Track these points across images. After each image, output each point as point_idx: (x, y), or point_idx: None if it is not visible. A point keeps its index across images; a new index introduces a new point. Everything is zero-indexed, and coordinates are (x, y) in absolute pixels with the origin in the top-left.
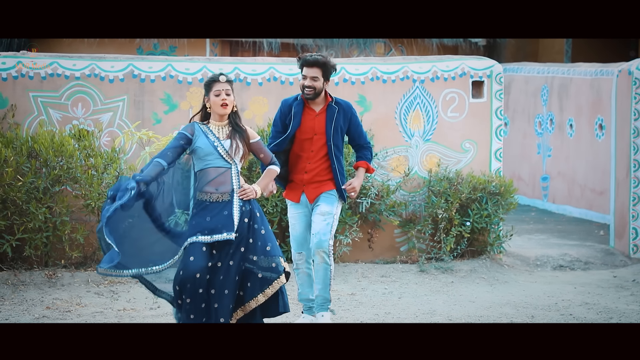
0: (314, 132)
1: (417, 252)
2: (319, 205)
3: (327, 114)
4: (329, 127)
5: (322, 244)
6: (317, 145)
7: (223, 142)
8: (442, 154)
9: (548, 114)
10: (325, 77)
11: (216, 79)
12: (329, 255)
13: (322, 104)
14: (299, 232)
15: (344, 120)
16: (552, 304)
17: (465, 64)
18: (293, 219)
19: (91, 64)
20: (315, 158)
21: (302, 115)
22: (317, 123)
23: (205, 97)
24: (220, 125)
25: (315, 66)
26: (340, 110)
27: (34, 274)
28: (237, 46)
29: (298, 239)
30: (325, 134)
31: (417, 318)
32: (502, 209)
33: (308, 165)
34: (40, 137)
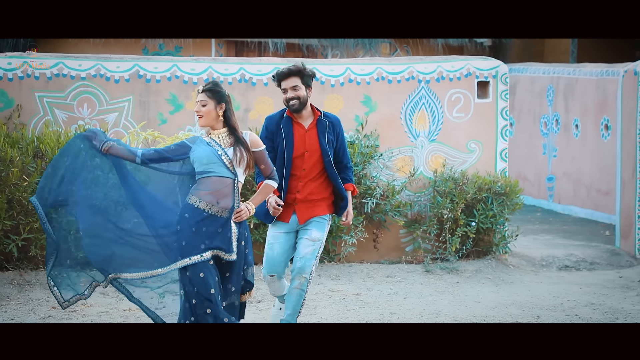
0: (304, 149)
1: (423, 252)
2: (310, 230)
3: (318, 129)
4: (322, 141)
5: (304, 269)
6: (309, 163)
7: (227, 150)
8: (447, 154)
9: (554, 115)
10: (305, 84)
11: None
12: (307, 283)
13: (310, 118)
14: (276, 253)
15: (333, 136)
16: (557, 304)
17: (471, 64)
18: (273, 239)
19: (97, 65)
20: (308, 177)
21: (293, 133)
22: (307, 139)
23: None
24: (219, 133)
25: (290, 76)
26: (330, 125)
27: (39, 274)
28: (243, 46)
29: (274, 260)
30: (321, 149)
31: (423, 318)
32: (507, 210)
33: (300, 184)
34: (46, 137)
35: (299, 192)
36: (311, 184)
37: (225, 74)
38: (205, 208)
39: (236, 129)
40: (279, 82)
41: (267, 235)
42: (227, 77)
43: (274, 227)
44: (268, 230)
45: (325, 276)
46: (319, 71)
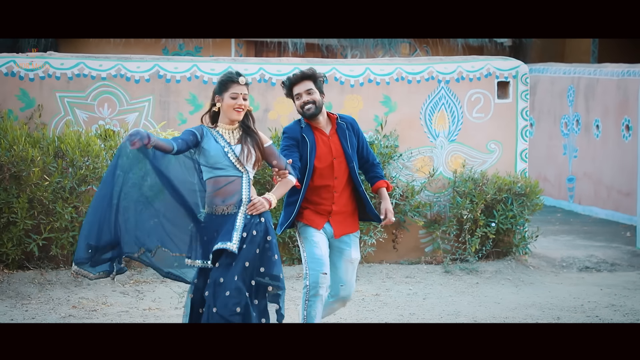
0: (332, 156)
1: (442, 253)
2: (348, 251)
3: (339, 134)
4: (345, 147)
5: (350, 296)
6: (339, 170)
7: (234, 148)
8: (467, 155)
9: (574, 115)
10: (318, 89)
11: (234, 80)
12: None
13: (329, 124)
14: (324, 252)
15: (355, 137)
16: (578, 305)
17: (491, 65)
18: (316, 238)
19: (117, 65)
20: (341, 186)
21: (315, 142)
22: (333, 146)
23: (217, 96)
24: (231, 129)
25: (304, 79)
26: (349, 127)
27: (60, 273)
28: (262, 47)
29: (323, 259)
30: (345, 156)
31: (442, 319)
32: (527, 210)
33: (335, 195)
34: (67, 137)
35: (334, 203)
36: (344, 194)
37: (245, 74)
38: (211, 211)
39: (250, 125)
40: (291, 87)
41: (307, 235)
42: (246, 77)
43: (311, 229)
44: (304, 232)
45: None
46: (338, 71)
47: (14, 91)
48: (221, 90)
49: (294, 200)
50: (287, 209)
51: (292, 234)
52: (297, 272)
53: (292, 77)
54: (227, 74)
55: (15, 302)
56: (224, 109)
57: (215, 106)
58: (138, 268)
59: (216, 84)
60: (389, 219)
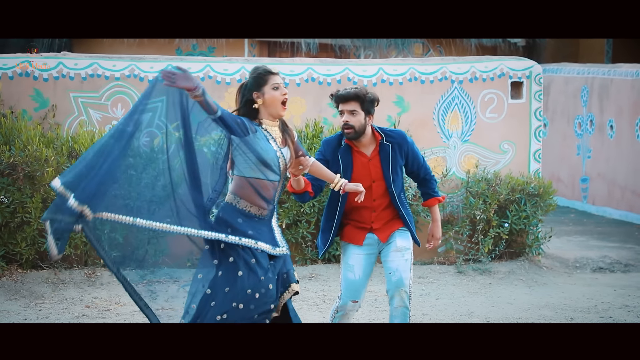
0: (371, 179)
1: (455, 253)
2: (394, 242)
3: (380, 156)
4: (386, 171)
5: (403, 282)
6: (377, 192)
7: (283, 151)
8: (480, 155)
9: (588, 115)
10: (365, 111)
11: (270, 70)
12: (409, 298)
13: (372, 144)
14: (357, 277)
15: (401, 156)
16: (591, 306)
17: (504, 65)
18: (352, 260)
19: (131, 65)
20: (381, 207)
21: (353, 163)
22: (372, 168)
23: (255, 93)
24: (274, 127)
25: (349, 100)
26: (395, 147)
27: (73, 273)
28: (275, 47)
29: (355, 285)
30: (385, 180)
31: (455, 319)
32: (541, 211)
33: (373, 215)
34: (81, 137)
35: (373, 222)
36: (386, 212)
37: None
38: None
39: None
40: (337, 103)
41: (344, 256)
42: None
43: (349, 248)
44: (344, 251)
45: None
46: (351, 71)
47: (28, 91)
48: (259, 85)
49: (330, 227)
50: (324, 234)
51: (304, 233)
52: (310, 272)
53: (339, 95)
54: (259, 67)
55: (29, 302)
56: (268, 104)
57: (256, 103)
58: (151, 268)
59: (249, 81)
60: (434, 245)
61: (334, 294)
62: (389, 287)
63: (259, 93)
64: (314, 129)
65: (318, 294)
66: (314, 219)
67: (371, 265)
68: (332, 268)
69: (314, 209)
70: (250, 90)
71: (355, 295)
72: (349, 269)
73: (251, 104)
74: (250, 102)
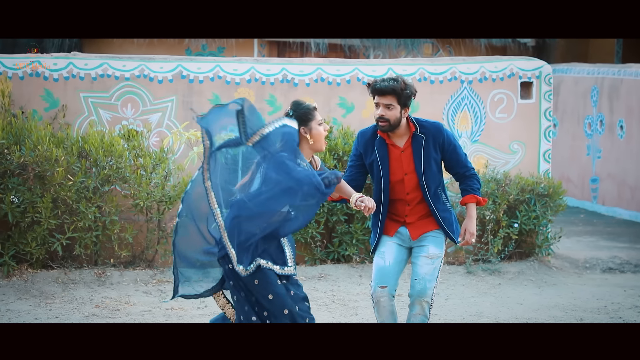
0: (403, 172)
1: (464, 253)
2: (426, 247)
3: (413, 147)
4: (417, 163)
5: (425, 292)
6: (410, 186)
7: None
8: (490, 155)
9: (598, 115)
10: (402, 104)
11: (313, 108)
12: (430, 307)
13: (405, 135)
14: (388, 263)
15: (435, 149)
16: (601, 306)
17: (514, 65)
18: (383, 248)
19: (140, 65)
20: (415, 201)
21: (389, 155)
22: (404, 160)
23: (303, 128)
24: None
25: (386, 94)
26: (428, 139)
27: (83, 273)
28: (285, 47)
29: (384, 271)
30: (416, 173)
31: (464, 320)
32: (550, 211)
33: (407, 208)
34: (90, 137)
35: (407, 216)
36: (420, 206)
37: (268, 74)
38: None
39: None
40: (373, 95)
41: (377, 247)
42: (269, 77)
43: (384, 238)
44: (377, 242)
45: (367, 277)
46: (360, 71)
47: (39, 91)
48: (305, 120)
49: (376, 222)
50: (373, 230)
51: (313, 233)
52: (319, 272)
53: (376, 87)
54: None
55: (39, 302)
56: (314, 139)
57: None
58: (160, 268)
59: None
60: (467, 240)
61: (344, 294)
62: (412, 292)
63: (306, 129)
64: None
65: (327, 294)
66: (323, 219)
67: (402, 255)
68: (342, 268)
69: (323, 209)
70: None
71: (383, 280)
72: (379, 255)
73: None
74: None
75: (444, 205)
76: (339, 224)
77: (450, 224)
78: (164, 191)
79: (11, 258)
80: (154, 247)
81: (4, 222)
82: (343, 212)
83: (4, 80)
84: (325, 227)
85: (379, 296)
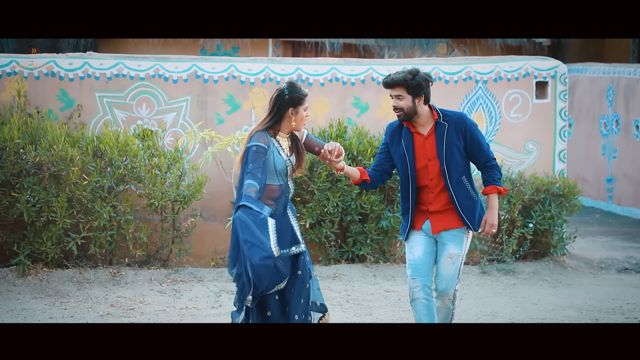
0: (427, 158)
1: (479, 253)
2: (447, 246)
3: (436, 135)
4: (440, 149)
5: (448, 291)
6: (433, 172)
7: (291, 158)
8: (504, 155)
9: (613, 115)
10: (413, 93)
11: (306, 94)
12: (453, 301)
13: (428, 123)
14: (417, 256)
15: (457, 136)
16: (616, 307)
17: (529, 65)
18: (412, 242)
19: (155, 65)
20: (438, 187)
21: (414, 143)
22: (428, 147)
23: (291, 109)
24: (286, 137)
25: (393, 86)
26: (451, 127)
27: (98, 272)
28: (299, 47)
29: (416, 264)
30: (438, 159)
31: (479, 320)
32: (565, 211)
33: (431, 196)
34: (106, 137)
35: (431, 204)
36: (443, 194)
37: (282, 74)
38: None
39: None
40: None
41: (406, 242)
42: (283, 77)
43: (412, 233)
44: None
45: (381, 277)
46: (375, 71)
47: (54, 91)
48: (295, 104)
49: (407, 208)
50: (403, 217)
51: (327, 233)
52: (333, 272)
53: (385, 82)
54: (299, 88)
55: (54, 301)
56: (296, 121)
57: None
58: (175, 267)
59: (289, 96)
60: (487, 231)
61: (358, 294)
62: (436, 289)
63: (295, 110)
64: (338, 129)
65: (342, 293)
66: (337, 218)
67: (431, 246)
68: (356, 268)
69: (337, 209)
70: (288, 105)
71: (415, 273)
72: (409, 250)
73: (282, 115)
74: (284, 113)
75: (468, 193)
76: (353, 224)
77: (472, 213)
78: (179, 191)
79: (27, 257)
80: (168, 247)
81: (20, 221)
82: (357, 212)
83: (19, 80)
84: (340, 226)
85: (412, 288)
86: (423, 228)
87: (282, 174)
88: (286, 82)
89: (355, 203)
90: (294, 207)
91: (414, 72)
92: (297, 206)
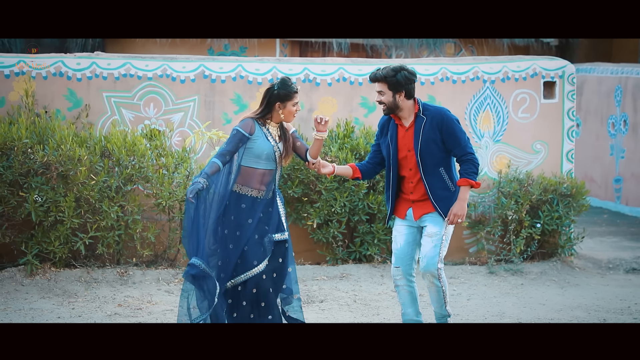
0: (407, 148)
1: (487, 253)
2: (426, 227)
3: (415, 127)
4: (416, 141)
5: (428, 267)
6: (412, 162)
7: (279, 145)
8: (512, 155)
9: (621, 115)
10: (393, 89)
11: (296, 91)
12: (438, 278)
13: (411, 116)
14: (399, 245)
15: (433, 130)
16: (624, 307)
17: (537, 64)
18: (396, 232)
19: (163, 65)
20: (416, 177)
21: (397, 134)
22: (407, 138)
23: (279, 103)
24: (276, 126)
25: (376, 81)
26: (428, 120)
27: (106, 272)
28: (307, 47)
29: (397, 253)
30: (414, 149)
31: (486, 320)
32: (573, 211)
33: (411, 185)
34: (113, 137)
35: (412, 193)
36: (421, 184)
37: (290, 74)
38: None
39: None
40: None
41: (393, 230)
42: (291, 77)
43: (396, 222)
44: (393, 226)
45: (388, 277)
46: None
47: (62, 91)
48: (284, 99)
49: (388, 196)
50: (387, 204)
51: (335, 233)
52: (341, 272)
53: (369, 76)
54: (288, 85)
55: (62, 300)
56: (284, 114)
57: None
58: (182, 267)
59: (278, 91)
60: (451, 220)
61: (365, 294)
62: (420, 269)
63: (282, 105)
64: (345, 128)
65: (349, 293)
66: (344, 218)
67: (412, 236)
68: (363, 268)
69: (344, 209)
70: (276, 100)
71: (397, 261)
72: (393, 239)
73: (271, 108)
74: (272, 106)
75: (444, 184)
76: (360, 224)
77: (448, 203)
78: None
79: (34, 257)
80: (176, 247)
81: (27, 221)
82: (365, 211)
83: (27, 80)
84: (347, 226)
85: (395, 276)
86: (407, 217)
87: (270, 158)
88: (279, 77)
89: (362, 203)
90: (301, 207)
91: (397, 69)
92: (304, 206)
